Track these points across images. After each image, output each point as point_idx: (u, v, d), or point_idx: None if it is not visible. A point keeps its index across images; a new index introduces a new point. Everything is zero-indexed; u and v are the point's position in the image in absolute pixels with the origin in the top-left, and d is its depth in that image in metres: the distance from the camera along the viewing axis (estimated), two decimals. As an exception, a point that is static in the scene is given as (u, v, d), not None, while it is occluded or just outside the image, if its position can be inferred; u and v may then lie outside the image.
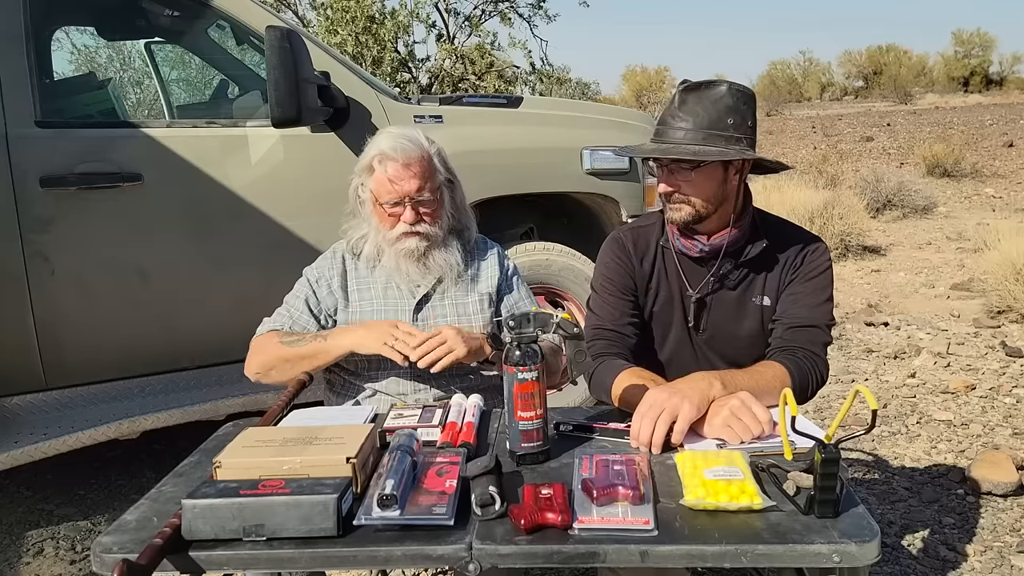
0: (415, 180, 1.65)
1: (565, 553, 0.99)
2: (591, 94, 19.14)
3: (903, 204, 8.48)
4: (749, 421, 1.27)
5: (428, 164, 1.68)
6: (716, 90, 1.48)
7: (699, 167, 1.48)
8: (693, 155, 1.45)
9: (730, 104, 1.47)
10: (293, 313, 1.75)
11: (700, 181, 1.49)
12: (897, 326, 4.58)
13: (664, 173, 1.52)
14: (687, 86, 1.51)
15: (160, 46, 3.89)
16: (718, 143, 1.46)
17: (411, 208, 1.67)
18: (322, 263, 1.80)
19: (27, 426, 2.30)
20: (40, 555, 2.39)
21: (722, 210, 1.54)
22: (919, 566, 2.18)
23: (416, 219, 1.67)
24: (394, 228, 1.68)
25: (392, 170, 1.65)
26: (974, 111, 19.92)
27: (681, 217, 1.52)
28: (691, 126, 1.47)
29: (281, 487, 1.04)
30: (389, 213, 1.68)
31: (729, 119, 1.46)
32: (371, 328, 1.61)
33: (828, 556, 0.97)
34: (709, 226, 1.56)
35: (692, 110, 1.48)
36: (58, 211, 2.35)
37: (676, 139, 1.49)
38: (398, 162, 1.64)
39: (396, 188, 1.65)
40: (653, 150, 1.50)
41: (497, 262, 1.83)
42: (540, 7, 11.87)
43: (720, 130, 1.46)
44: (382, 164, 1.66)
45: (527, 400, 1.23)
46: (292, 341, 1.65)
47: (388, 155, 1.65)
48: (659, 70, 36.43)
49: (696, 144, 1.46)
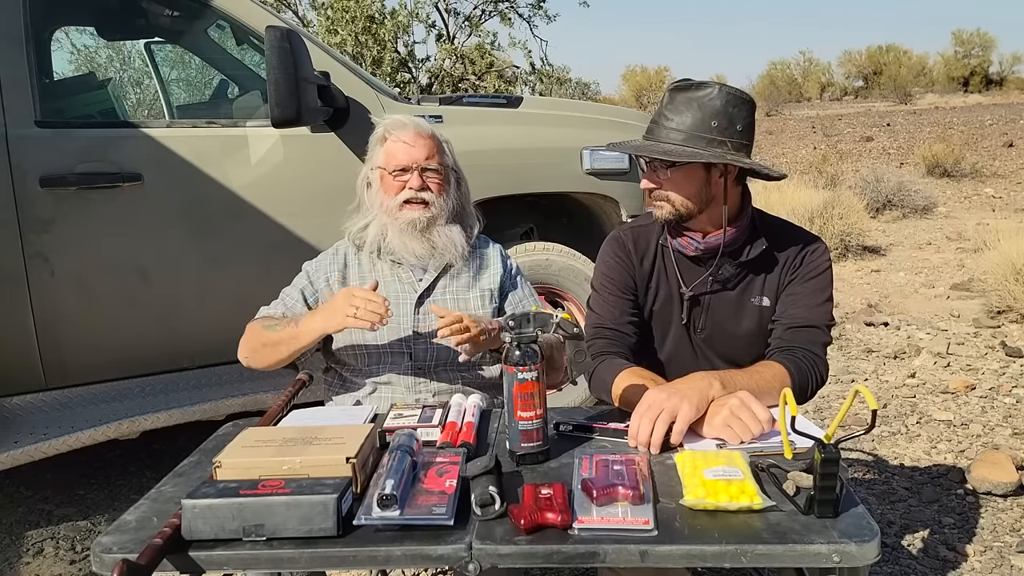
0: (424, 149, 1.71)
1: (565, 553, 0.99)
2: (591, 94, 19.12)
3: (903, 204, 8.49)
4: (749, 421, 1.27)
5: (437, 142, 1.75)
6: (705, 92, 1.48)
7: (674, 167, 1.50)
8: (663, 154, 1.48)
9: (717, 107, 1.47)
10: (287, 301, 1.76)
11: (679, 180, 1.51)
12: (897, 326, 4.58)
13: (647, 170, 1.56)
14: (677, 86, 1.52)
15: (160, 46, 3.88)
16: (698, 145, 1.46)
17: (417, 174, 1.70)
18: (323, 258, 1.82)
19: (27, 426, 2.30)
20: (40, 555, 2.39)
21: (710, 211, 1.54)
22: (919, 566, 2.18)
23: (421, 185, 1.70)
24: (398, 195, 1.70)
25: (404, 136, 1.71)
26: (974, 111, 19.93)
27: (662, 215, 1.55)
28: (675, 126, 1.49)
29: (281, 487, 1.04)
30: (395, 179, 1.71)
31: (713, 122, 1.46)
32: (331, 304, 1.59)
33: (828, 556, 0.97)
34: (701, 225, 1.56)
35: (678, 110, 1.49)
36: (58, 211, 2.35)
37: (659, 138, 1.50)
38: (409, 131, 1.72)
39: (406, 154, 1.70)
40: (635, 147, 1.53)
41: (500, 260, 1.84)
42: (540, 7, 11.88)
43: (703, 132, 1.46)
44: (394, 134, 1.72)
45: (527, 400, 1.23)
46: (271, 326, 1.66)
47: (400, 124, 1.73)
48: (659, 70, 36.44)
49: (674, 144, 1.48)
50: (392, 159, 1.71)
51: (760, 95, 30.43)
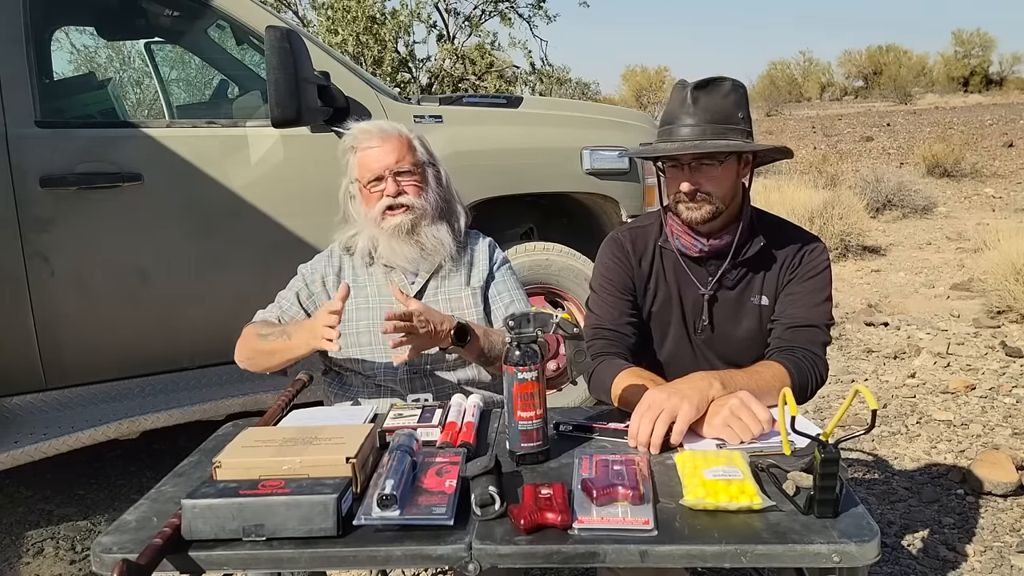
0: (393, 153, 1.70)
1: (565, 553, 0.99)
2: (591, 94, 19.13)
3: (903, 204, 8.49)
4: (749, 421, 1.27)
5: (406, 141, 1.73)
6: (723, 86, 1.50)
7: (723, 162, 1.49)
8: (726, 148, 1.45)
9: (736, 99, 1.49)
10: (283, 304, 1.76)
11: (720, 177, 1.50)
12: (897, 326, 4.58)
13: (685, 172, 1.50)
14: (697, 84, 1.50)
15: (160, 46, 3.88)
16: (736, 137, 1.48)
17: (392, 180, 1.69)
18: (318, 260, 1.82)
19: (27, 426, 2.30)
20: (40, 555, 2.39)
21: (731, 206, 1.55)
22: (919, 566, 2.18)
23: (397, 191, 1.69)
24: (377, 204, 1.69)
25: (369, 144, 1.70)
26: (974, 111, 19.92)
27: (701, 215, 1.51)
28: (704, 122, 1.47)
29: (281, 487, 1.04)
30: (372, 191, 1.70)
31: (739, 113, 1.49)
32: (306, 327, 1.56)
33: (828, 556, 0.97)
34: (713, 225, 1.56)
35: (704, 107, 1.48)
36: (58, 211, 2.35)
37: (691, 136, 1.48)
38: (373, 136, 1.70)
39: (377, 161, 1.69)
40: (677, 148, 1.47)
41: (487, 255, 1.83)
42: (540, 7, 11.87)
43: (734, 124, 1.48)
44: (359, 143, 1.71)
45: (527, 400, 1.23)
46: (266, 335, 1.65)
47: (365, 132, 1.72)
48: (659, 70, 36.39)
49: (717, 139, 1.47)
50: (364, 170, 1.70)
51: (760, 95, 30.46)
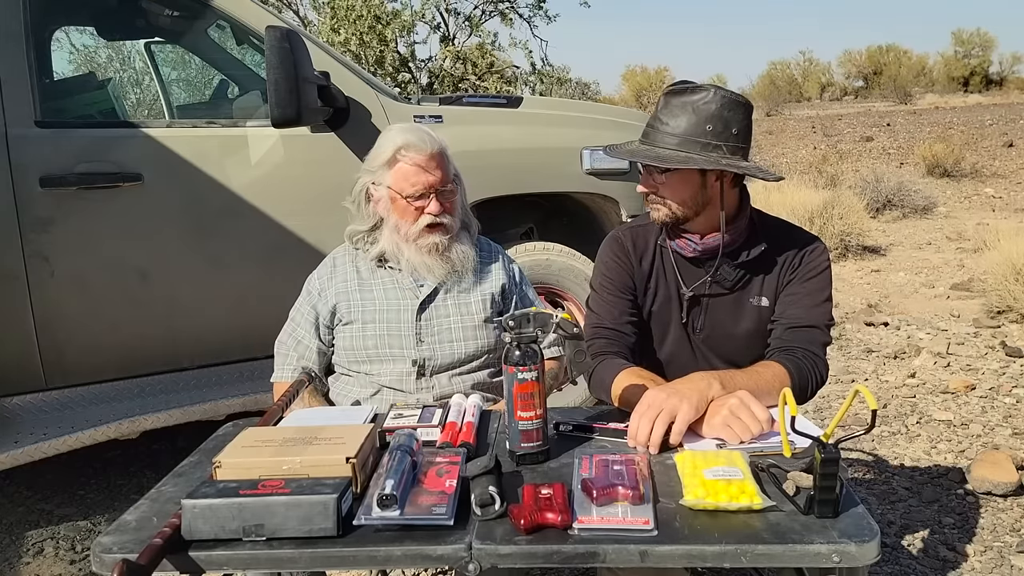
0: (439, 171, 1.67)
1: (565, 553, 0.99)
2: (591, 94, 19.14)
3: (903, 204, 8.48)
4: (748, 420, 1.27)
5: (445, 157, 1.71)
6: (700, 95, 1.47)
7: (670, 171, 1.50)
8: (657, 160, 1.48)
9: (712, 111, 1.46)
10: (298, 333, 1.76)
11: (674, 184, 1.51)
12: (897, 326, 4.58)
13: (643, 174, 1.56)
14: (672, 89, 1.52)
15: (160, 46, 3.88)
16: (692, 149, 1.46)
17: (436, 200, 1.67)
18: (322, 271, 1.80)
19: (27, 426, 2.29)
20: (40, 555, 2.39)
21: (708, 213, 1.54)
22: (919, 566, 2.18)
23: (440, 210, 1.68)
24: (417, 221, 1.68)
25: (419, 161, 1.65)
26: (974, 111, 19.90)
27: (659, 217, 1.56)
28: (670, 130, 1.48)
29: (281, 487, 1.04)
30: (415, 207, 1.68)
31: (708, 126, 1.46)
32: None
33: (828, 556, 0.97)
34: (699, 227, 1.56)
35: (673, 114, 1.49)
36: (58, 211, 2.35)
37: (655, 142, 1.50)
38: (424, 154, 1.66)
39: (423, 179, 1.66)
40: (630, 152, 1.54)
41: (503, 265, 1.84)
42: (540, 7, 11.85)
43: (697, 136, 1.46)
44: (406, 156, 1.66)
45: (527, 400, 1.23)
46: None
47: (413, 145, 1.66)
48: (659, 70, 36.32)
49: (669, 149, 1.47)
50: (406, 183, 1.66)
51: (760, 95, 30.40)
